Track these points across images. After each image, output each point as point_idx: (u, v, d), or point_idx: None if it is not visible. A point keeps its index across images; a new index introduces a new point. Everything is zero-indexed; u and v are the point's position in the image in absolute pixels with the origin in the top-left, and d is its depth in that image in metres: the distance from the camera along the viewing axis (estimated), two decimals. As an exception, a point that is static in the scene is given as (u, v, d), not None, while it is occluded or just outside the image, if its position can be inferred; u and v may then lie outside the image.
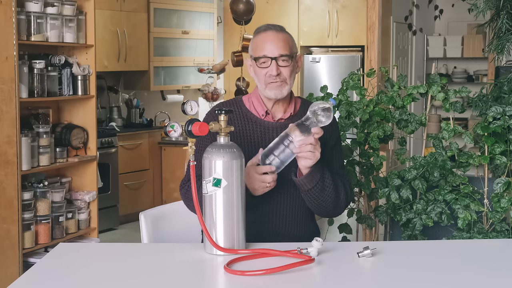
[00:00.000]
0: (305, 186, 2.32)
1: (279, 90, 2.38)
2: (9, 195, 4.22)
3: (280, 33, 2.41)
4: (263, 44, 2.38)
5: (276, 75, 2.36)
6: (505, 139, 2.86)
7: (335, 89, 3.36)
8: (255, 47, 2.42)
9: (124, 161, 6.47)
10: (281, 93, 2.39)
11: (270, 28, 2.42)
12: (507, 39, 3.22)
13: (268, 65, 2.37)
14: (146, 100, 7.44)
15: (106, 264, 2.08)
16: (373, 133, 3.10)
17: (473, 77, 8.88)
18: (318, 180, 2.31)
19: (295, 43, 2.45)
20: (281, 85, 2.38)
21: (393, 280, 1.91)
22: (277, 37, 2.39)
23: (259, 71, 2.39)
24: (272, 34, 2.39)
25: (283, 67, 2.37)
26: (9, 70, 4.16)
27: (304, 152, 2.23)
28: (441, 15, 7.82)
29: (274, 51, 2.37)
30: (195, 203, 2.06)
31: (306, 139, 2.22)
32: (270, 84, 2.38)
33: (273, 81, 2.37)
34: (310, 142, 2.22)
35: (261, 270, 1.90)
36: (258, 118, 2.44)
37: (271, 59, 2.36)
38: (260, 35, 2.42)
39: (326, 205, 2.38)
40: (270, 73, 2.37)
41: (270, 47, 2.37)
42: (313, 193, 2.33)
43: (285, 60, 2.37)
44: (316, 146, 2.23)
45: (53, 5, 4.45)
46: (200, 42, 7.67)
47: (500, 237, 2.80)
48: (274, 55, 2.36)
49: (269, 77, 2.37)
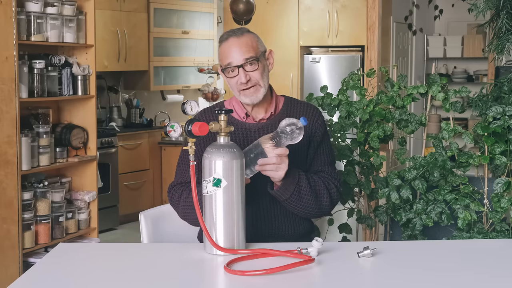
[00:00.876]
0: (280, 197, 2.33)
1: (254, 95, 2.37)
2: (9, 195, 4.22)
3: (241, 37, 2.36)
4: (227, 53, 2.35)
5: (246, 82, 2.34)
6: (505, 139, 2.86)
7: (335, 89, 3.36)
8: (221, 58, 2.39)
9: (124, 161, 6.48)
10: (257, 97, 2.37)
11: (230, 35, 2.38)
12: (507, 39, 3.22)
13: (237, 73, 2.35)
14: (146, 100, 7.44)
15: (106, 264, 2.08)
16: (373, 133, 3.10)
17: (473, 77, 8.88)
18: (293, 190, 2.31)
19: (260, 41, 2.41)
20: (255, 90, 2.36)
21: (393, 280, 1.91)
22: (238, 43, 2.35)
23: (230, 81, 2.38)
24: (233, 41, 2.36)
25: (251, 71, 2.34)
26: (9, 70, 4.16)
27: (267, 171, 2.23)
28: (441, 15, 7.82)
29: (239, 58, 2.33)
30: (195, 203, 2.06)
31: (267, 159, 2.20)
32: (244, 91, 2.36)
33: (245, 88, 2.36)
34: (272, 162, 2.21)
35: (261, 270, 1.90)
36: (239, 121, 2.43)
37: (238, 67, 2.34)
38: (223, 44, 2.39)
39: (308, 210, 2.39)
40: (240, 81, 2.34)
41: (233, 54, 2.34)
42: (291, 202, 2.34)
43: (252, 63, 2.34)
44: (279, 166, 2.22)
45: (53, 5, 4.45)
46: (200, 42, 7.67)
47: (500, 237, 2.80)
48: (239, 62, 2.33)
49: (240, 85, 2.35)
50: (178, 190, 2.42)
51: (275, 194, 2.33)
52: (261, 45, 2.40)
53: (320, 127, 2.49)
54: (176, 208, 2.43)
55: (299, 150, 2.40)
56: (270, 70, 2.44)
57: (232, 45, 2.35)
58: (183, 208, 2.38)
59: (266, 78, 2.40)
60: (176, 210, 2.44)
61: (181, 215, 2.42)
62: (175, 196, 2.42)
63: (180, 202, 2.39)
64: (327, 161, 2.51)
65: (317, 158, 2.49)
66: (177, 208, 2.42)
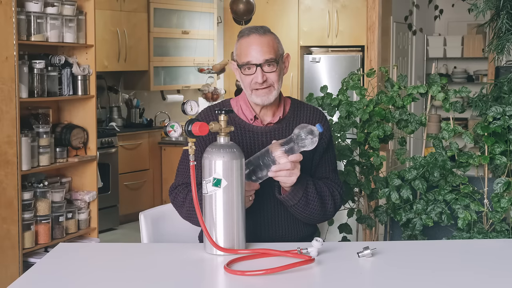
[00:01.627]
0: (288, 202, 2.32)
1: (266, 96, 2.32)
2: (9, 195, 4.22)
3: (263, 36, 2.31)
4: (247, 50, 2.30)
5: (262, 82, 2.29)
6: (505, 139, 2.86)
7: (335, 89, 3.36)
8: (239, 53, 2.33)
9: (124, 161, 6.48)
10: (268, 99, 2.33)
11: (253, 32, 2.32)
12: (507, 39, 3.22)
13: (253, 72, 2.29)
14: (146, 100, 7.44)
15: (106, 264, 2.08)
16: (373, 133, 3.10)
17: (473, 77, 8.88)
18: (301, 196, 2.30)
19: (280, 43, 2.37)
20: (269, 91, 2.32)
21: (393, 280, 1.91)
22: (260, 41, 2.30)
23: (244, 78, 2.32)
24: (255, 38, 2.30)
25: (269, 72, 2.30)
26: (9, 70, 4.16)
27: (280, 177, 2.22)
28: (441, 15, 7.82)
29: (259, 57, 2.28)
30: (195, 203, 2.06)
31: (282, 165, 2.18)
32: (257, 90, 2.32)
33: (259, 87, 2.31)
34: (287, 168, 2.19)
35: (261, 270, 1.90)
36: (247, 123, 2.39)
37: (256, 65, 2.29)
38: (243, 39, 2.33)
39: (313, 216, 2.38)
40: (255, 80, 2.29)
41: (254, 53, 2.28)
42: (298, 208, 2.33)
43: (271, 64, 2.30)
44: (293, 171, 2.20)
45: (53, 5, 4.45)
46: (200, 42, 7.67)
47: (500, 237, 2.80)
48: (258, 61, 2.28)
49: (255, 84, 2.30)
50: (182, 190, 2.39)
51: (283, 199, 2.31)
52: (280, 47, 2.36)
53: (326, 133, 2.46)
54: (180, 208, 2.40)
55: (305, 156, 2.36)
56: (284, 74, 2.40)
57: (253, 43, 2.30)
58: (188, 209, 2.35)
59: (281, 81, 2.35)
60: (180, 210, 2.41)
61: (184, 216, 2.40)
62: (179, 196, 2.39)
63: (185, 203, 2.36)
64: (332, 168, 2.50)
65: (322, 165, 2.47)
66: (181, 208, 2.39)
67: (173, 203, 2.43)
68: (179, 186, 2.41)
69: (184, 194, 2.37)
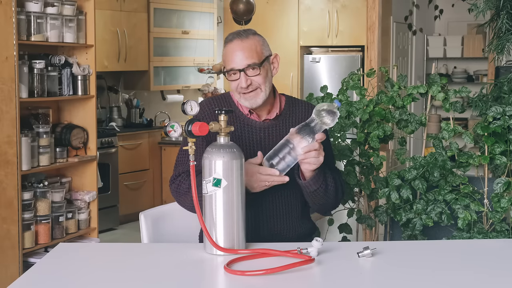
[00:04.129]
0: (310, 187, 2.33)
1: (254, 99, 2.35)
2: (9, 195, 4.22)
3: (245, 41, 2.33)
4: (230, 56, 2.33)
5: (246, 87, 2.32)
6: (505, 139, 2.86)
7: (335, 89, 3.36)
8: (224, 59, 2.37)
9: (124, 161, 6.48)
10: (256, 102, 2.36)
11: (235, 37, 2.34)
12: (507, 39, 3.22)
13: (238, 77, 2.32)
14: (146, 100, 7.44)
15: (106, 264, 2.08)
16: (373, 133, 3.10)
17: (473, 77, 8.88)
18: (322, 181, 2.32)
19: (266, 45, 2.38)
20: (255, 94, 2.35)
21: (393, 280, 1.91)
22: (242, 47, 2.32)
23: (231, 83, 2.37)
24: (237, 44, 2.33)
25: (253, 76, 2.32)
26: (9, 70, 4.16)
27: (309, 158, 2.22)
28: (441, 15, 7.82)
29: (241, 62, 2.31)
30: (195, 203, 2.06)
31: (310, 146, 2.19)
32: (244, 94, 2.35)
33: (245, 92, 2.34)
34: (315, 148, 2.20)
35: (261, 270, 1.90)
36: (245, 116, 2.42)
37: (239, 71, 2.31)
38: (227, 45, 2.36)
39: (329, 202, 2.41)
40: (240, 85, 2.33)
41: (236, 58, 2.31)
42: (318, 193, 2.35)
43: (254, 68, 2.31)
44: (320, 151, 2.22)
45: (53, 5, 4.45)
46: (200, 42, 7.67)
47: (500, 237, 2.80)
48: (241, 67, 2.31)
49: (241, 89, 2.34)
50: (187, 178, 2.36)
51: (305, 185, 2.32)
52: (266, 49, 2.37)
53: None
54: (185, 196, 2.36)
55: None
56: (274, 75, 2.42)
57: (235, 49, 2.33)
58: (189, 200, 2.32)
59: (268, 82, 2.37)
60: (184, 199, 2.37)
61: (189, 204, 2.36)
62: (183, 184, 2.36)
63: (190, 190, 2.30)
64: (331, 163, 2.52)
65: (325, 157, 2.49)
66: (186, 196, 2.35)
67: (177, 192, 2.40)
68: (182, 174, 2.39)
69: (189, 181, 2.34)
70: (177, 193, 2.40)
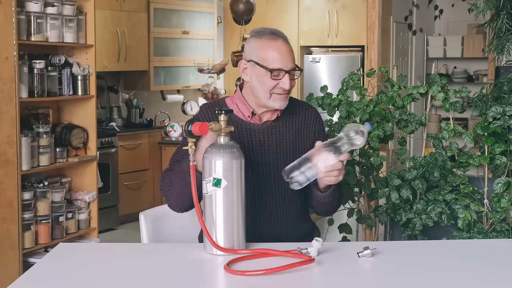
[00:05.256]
0: (325, 200, 2.37)
1: (284, 101, 2.35)
2: (9, 195, 4.22)
3: (288, 43, 2.33)
4: (277, 55, 2.29)
5: (288, 89, 2.32)
6: (505, 139, 2.86)
7: (335, 89, 3.36)
8: (265, 55, 2.30)
9: (124, 161, 6.48)
10: (285, 104, 2.36)
11: (280, 36, 2.32)
12: (507, 39, 3.22)
13: (281, 78, 2.29)
14: (146, 100, 7.44)
15: (106, 264, 2.08)
16: (373, 133, 3.10)
17: (473, 77, 8.89)
18: (336, 195, 2.38)
19: None
20: (287, 97, 2.35)
21: (393, 280, 1.91)
22: (288, 49, 2.31)
23: (268, 82, 2.30)
24: (283, 44, 2.31)
25: (293, 80, 2.33)
26: (9, 70, 4.16)
27: (329, 177, 2.21)
28: (441, 15, 7.82)
29: (288, 64, 2.29)
30: (195, 203, 2.06)
31: (334, 165, 2.16)
32: (277, 95, 2.32)
33: (281, 93, 2.32)
34: (338, 168, 2.18)
35: (261, 270, 1.90)
36: (244, 121, 2.39)
37: (286, 72, 2.29)
38: (269, 42, 2.30)
39: (334, 208, 2.48)
40: (282, 87, 2.29)
41: (284, 59, 2.29)
42: (330, 204, 2.40)
43: (296, 72, 2.33)
44: (341, 171, 2.20)
45: (53, 5, 4.45)
46: (200, 42, 7.67)
47: (500, 237, 2.80)
48: (288, 68, 2.29)
49: (278, 89, 2.31)
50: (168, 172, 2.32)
51: (321, 196, 2.34)
52: None
53: (322, 131, 2.52)
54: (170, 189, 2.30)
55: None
56: None
57: (283, 48, 2.30)
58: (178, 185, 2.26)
59: None
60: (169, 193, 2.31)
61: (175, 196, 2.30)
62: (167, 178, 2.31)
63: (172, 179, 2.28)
64: None
65: None
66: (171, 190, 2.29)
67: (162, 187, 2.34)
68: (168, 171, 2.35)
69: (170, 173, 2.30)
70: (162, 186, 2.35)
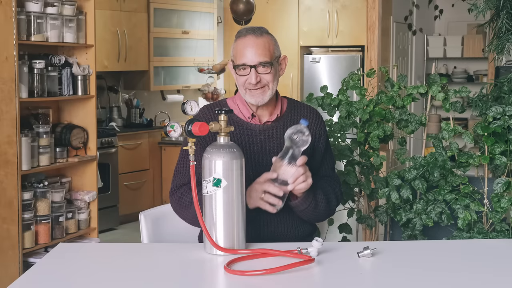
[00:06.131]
0: (299, 207, 2.35)
1: (260, 97, 2.35)
2: (9, 195, 4.22)
3: (259, 38, 2.32)
4: (243, 51, 2.32)
5: (255, 83, 2.31)
6: (505, 139, 2.86)
7: (335, 89, 3.36)
8: (235, 53, 2.35)
9: (124, 161, 6.47)
10: (262, 99, 2.35)
11: (250, 33, 2.33)
12: (507, 39, 3.22)
13: (248, 73, 2.32)
14: (146, 100, 7.44)
15: (106, 264, 2.08)
16: (373, 133, 3.10)
17: (473, 77, 8.88)
18: (311, 200, 2.34)
19: (277, 45, 2.38)
20: (263, 91, 2.34)
21: (393, 280, 1.91)
22: (256, 43, 2.31)
23: (239, 78, 2.35)
24: (252, 40, 2.32)
25: (263, 74, 2.32)
26: (9, 70, 4.16)
27: (299, 184, 2.23)
28: (441, 15, 7.82)
29: (253, 59, 2.30)
30: (195, 203, 2.06)
31: (296, 173, 2.20)
32: (250, 91, 2.34)
33: (252, 88, 2.33)
34: (300, 173, 2.21)
35: (261, 270, 1.90)
36: (244, 121, 2.41)
37: (250, 67, 2.31)
38: (240, 40, 2.34)
39: (319, 216, 2.44)
40: (249, 81, 2.32)
41: (249, 54, 2.30)
42: (307, 211, 2.37)
43: (265, 66, 2.31)
44: (306, 174, 2.23)
45: (53, 5, 4.45)
46: (200, 42, 7.67)
47: (500, 237, 2.80)
48: (253, 63, 2.30)
49: (249, 85, 2.33)
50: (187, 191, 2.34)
51: (294, 205, 2.34)
52: (277, 49, 2.37)
53: (323, 133, 2.51)
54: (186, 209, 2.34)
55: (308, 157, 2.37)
56: (280, 76, 2.42)
57: (249, 44, 2.32)
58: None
59: (276, 82, 2.38)
60: (185, 212, 2.35)
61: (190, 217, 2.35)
62: (185, 197, 2.34)
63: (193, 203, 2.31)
64: (331, 167, 2.55)
65: (323, 164, 2.51)
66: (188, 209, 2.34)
67: (178, 204, 2.37)
68: (183, 186, 2.38)
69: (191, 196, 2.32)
70: (178, 205, 2.38)
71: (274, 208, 2.27)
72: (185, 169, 2.40)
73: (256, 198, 2.27)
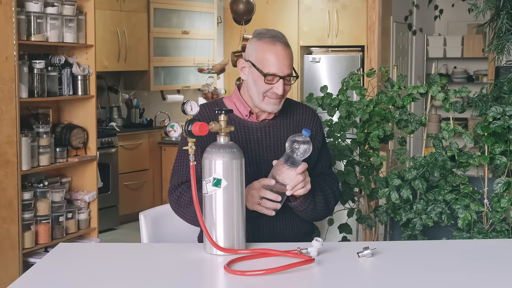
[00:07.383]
0: (298, 208, 2.36)
1: (277, 106, 2.36)
2: (9, 195, 4.22)
3: (287, 48, 2.32)
4: (273, 60, 2.29)
5: (282, 94, 2.32)
6: (505, 139, 2.86)
7: (335, 89, 3.36)
8: (262, 58, 2.30)
9: (124, 161, 6.48)
10: (278, 108, 2.37)
11: (278, 40, 2.31)
12: (507, 39, 3.22)
13: (274, 83, 2.30)
14: (146, 100, 7.44)
15: (106, 264, 2.08)
16: (373, 133, 3.10)
17: (473, 77, 8.88)
18: (310, 201, 2.35)
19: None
20: (280, 101, 2.36)
21: (393, 280, 1.91)
22: (286, 54, 2.30)
23: (262, 85, 2.32)
24: (282, 50, 2.30)
25: (287, 85, 2.33)
26: (9, 70, 4.16)
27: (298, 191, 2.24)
28: (441, 15, 7.82)
29: (284, 70, 2.30)
30: (195, 203, 2.06)
31: (296, 181, 2.21)
32: (270, 99, 2.34)
33: (274, 97, 2.33)
34: (299, 180, 2.22)
35: (261, 270, 1.90)
36: (241, 119, 2.41)
37: (280, 77, 2.30)
38: (267, 45, 2.31)
39: (319, 216, 2.45)
40: (275, 92, 2.31)
41: (281, 65, 2.29)
42: (307, 212, 2.39)
43: (290, 78, 2.33)
44: (305, 180, 2.24)
45: (53, 5, 4.45)
46: (200, 42, 7.67)
47: (500, 237, 2.80)
48: (283, 74, 2.30)
49: (271, 93, 2.32)
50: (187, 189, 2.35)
51: (294, 206, 2.35)
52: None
53: (319, 131, 2.52)
54: (186, 208, 2.35)
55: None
56: None
57: (280, 54, 2.30)
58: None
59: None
60: (184, 211, 2.36)
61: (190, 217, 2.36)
62: (183, 196, 2.34)
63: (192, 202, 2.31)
64: (328, 164, 2.56)
65: (319, 161, 2.52)
66: (187, 208, 2.34)
67: (177, 203, 2.37)
68: (182, 185, 2.38)
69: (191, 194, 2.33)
70: (177, 204, 2.38)
71: (271, 211, 2.27)
72: (183, 167, 2.40)
73: (252, 203, 2.27)
